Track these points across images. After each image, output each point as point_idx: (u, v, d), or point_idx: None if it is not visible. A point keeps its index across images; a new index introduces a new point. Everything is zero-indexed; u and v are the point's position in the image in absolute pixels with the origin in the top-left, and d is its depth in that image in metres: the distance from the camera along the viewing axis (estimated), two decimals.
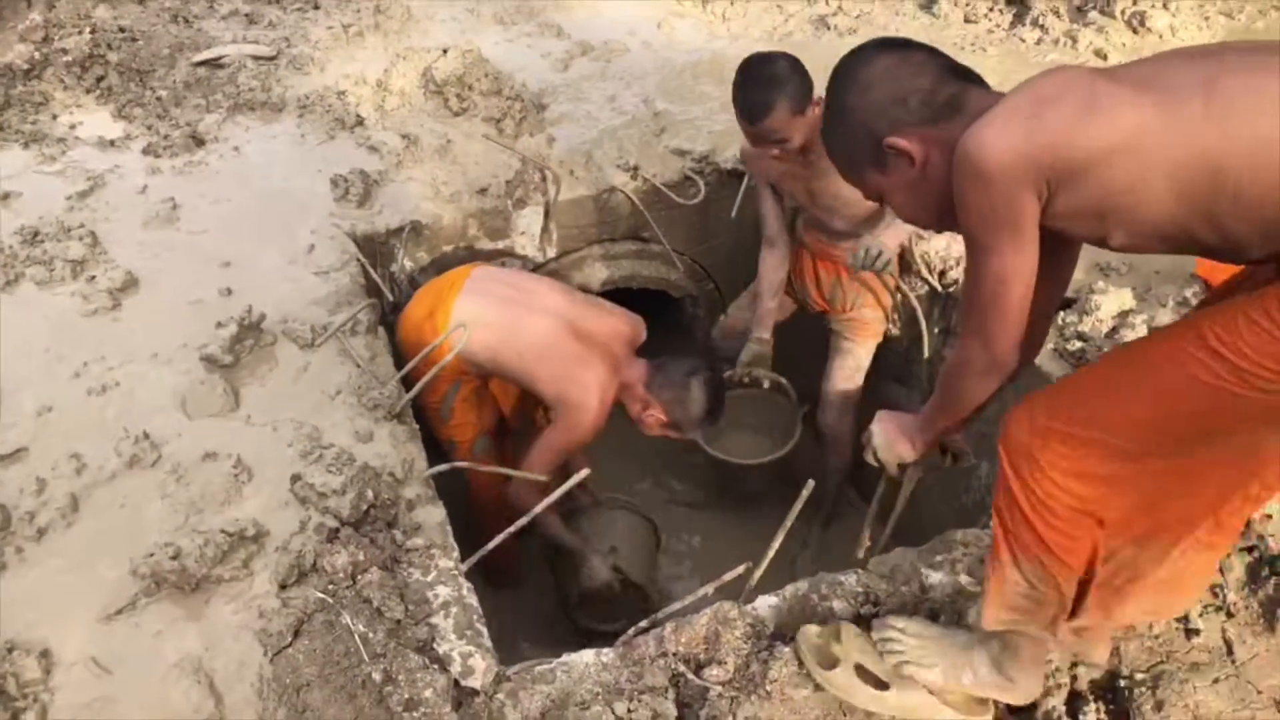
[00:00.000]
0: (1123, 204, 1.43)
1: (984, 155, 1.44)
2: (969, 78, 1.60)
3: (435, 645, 1.99)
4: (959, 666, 1.90)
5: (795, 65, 2.94)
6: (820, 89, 1.80)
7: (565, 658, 2.04)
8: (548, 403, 2.99)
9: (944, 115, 1.55)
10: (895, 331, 3.49)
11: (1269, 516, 2.24)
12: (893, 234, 3.18)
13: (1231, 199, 1.36)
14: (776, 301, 3.48)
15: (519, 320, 2.96)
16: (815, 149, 2.99)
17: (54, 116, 3.86)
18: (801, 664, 1.99)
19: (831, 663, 1.96)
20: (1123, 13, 4.67)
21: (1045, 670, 1.98)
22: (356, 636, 1.96)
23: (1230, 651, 2.13)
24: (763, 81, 2.90)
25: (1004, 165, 1.43)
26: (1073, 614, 1.77)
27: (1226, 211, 1.37)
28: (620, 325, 3.13)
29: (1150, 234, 1.47)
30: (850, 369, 3.47)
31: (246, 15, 4.77)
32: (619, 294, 3.90)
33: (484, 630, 2.07)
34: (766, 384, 3.54)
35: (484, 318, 2.92)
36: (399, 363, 2.80)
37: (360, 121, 3.89)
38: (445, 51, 4.13)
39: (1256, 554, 2.23)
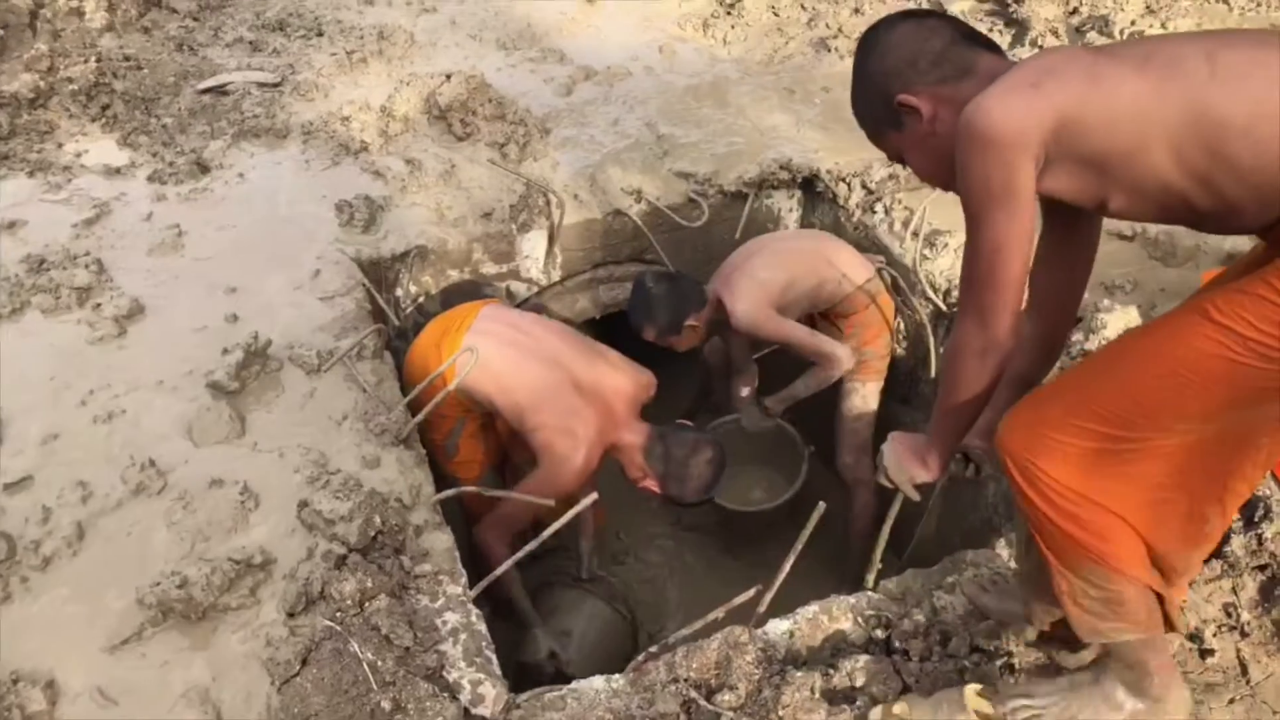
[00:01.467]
0: (1123, 166, 1.48)
1: (986, 122, 1.49)
2: (983, 44, 1.66)
3: (445, 673, 1.98)
4: (1102, 708, 1.82)
5: (669, 296, 3.22)
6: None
7: (575, 684, 2.03)
8: (534, 451, 2.94)
9: (953, 76, 1.62)
10: (900, 351, 3.49)
11: None
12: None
13: (1229, 163, 1.40)
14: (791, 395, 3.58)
15: (520, 365, 2.93)
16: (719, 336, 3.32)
17: (59, 145, 3.87)
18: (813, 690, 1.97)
19: None
20: (1121, 33, 4.69)
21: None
22: (365, 664, 1.95)
23: (1245, 672, 2.11)
24: (636, 305, 3.28)
25: (1004, 132, 1.48)
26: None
27: (1223, 176, 1.41)
28: (624, 382, 3.07)
29: (1148, 196, 1.50)
30: (856, 409, 3.46)
31: (251, 43, 4.80)
32: (624, 315, 3.91)
33: (493, 657, 2.05)
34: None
35: (487, 358, 2.88)
36: (406, 392, 2.79)
37: (364, 147, 3.91)
38: (449, 77, 4.15)
39: (1269, 573, 2.22)
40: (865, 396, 3.44)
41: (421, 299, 3.54)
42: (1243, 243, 1.79)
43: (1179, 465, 1.61)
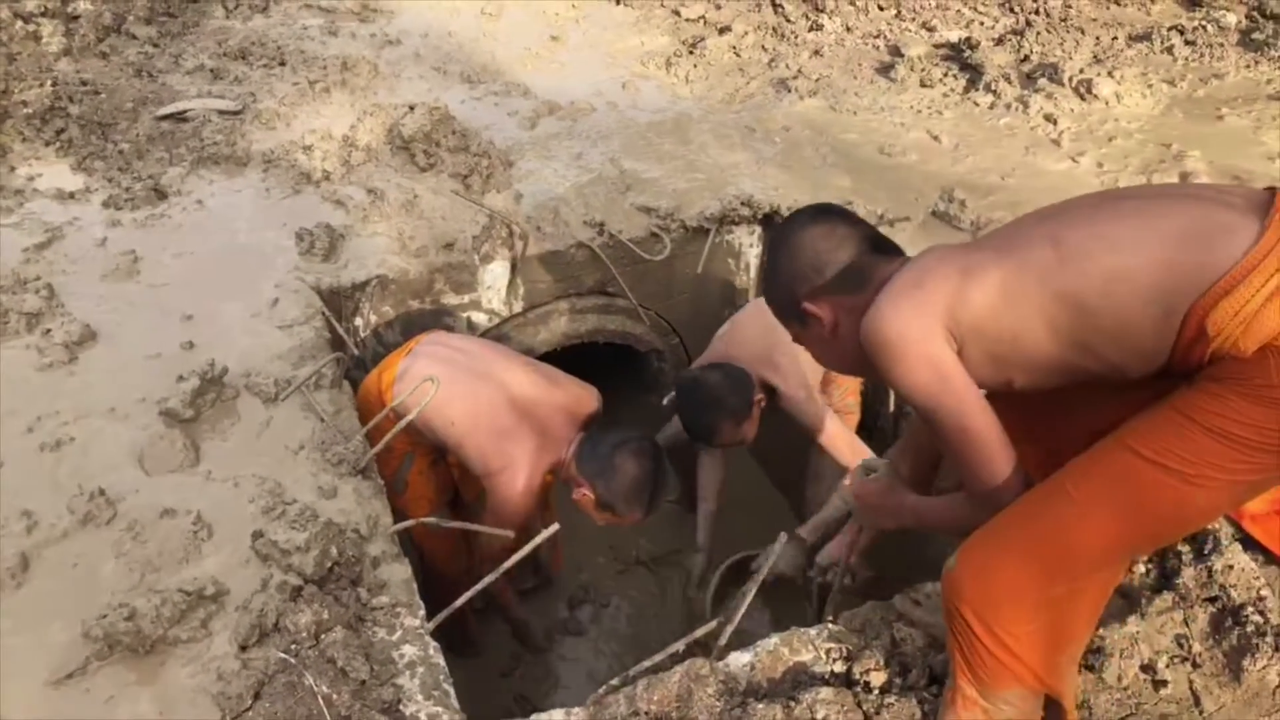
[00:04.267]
0: (1011, 351, 1.59)
1: (890, 331, 1.59)
2: (883, 249, 1.78)
3: (401, 706, 1.94)
4: None
5: (728, 382, 3.01)
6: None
7: (535, 718, 2.00)
8: (476, 474, 2.90)
9: (852, 286, 1.74)
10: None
11: (1230, 568, 2.27)
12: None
13: (1097, 330, 1.51)
14: (718, 504, 3.48)
15: (454, 386, 2.83)
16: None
17: (11, 169, 3.80)
18: None
19: None
20: (1070, 80, 4.85)
21: None
22: (320, 698, 1.90)
23: (1198, 702, 2.13)
24: (701, 403, 3.01)
25: (909, 333, 1.58)
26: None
27: (1098, 341, 1.53)
28: (564, 398, 2.96)
29: (1043, 371, 1.61)
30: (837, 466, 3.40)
31: (212, 70, 4.77)
32: (585, 348, 3.92)
33: (451, 690, 2.02)
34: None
35: (420, 380, 2.80)
36: (363, 422, 2.76)
37: (326, 176, 3.89)
38: (412, 108, 4.16)
39: (1219, 604, 2.26)
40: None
41: (382, 328, 3.52)
42: None
43: (1113, 577, 1.77)
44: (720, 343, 3.34)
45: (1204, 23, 5.48)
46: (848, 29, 5.68)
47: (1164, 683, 2.14)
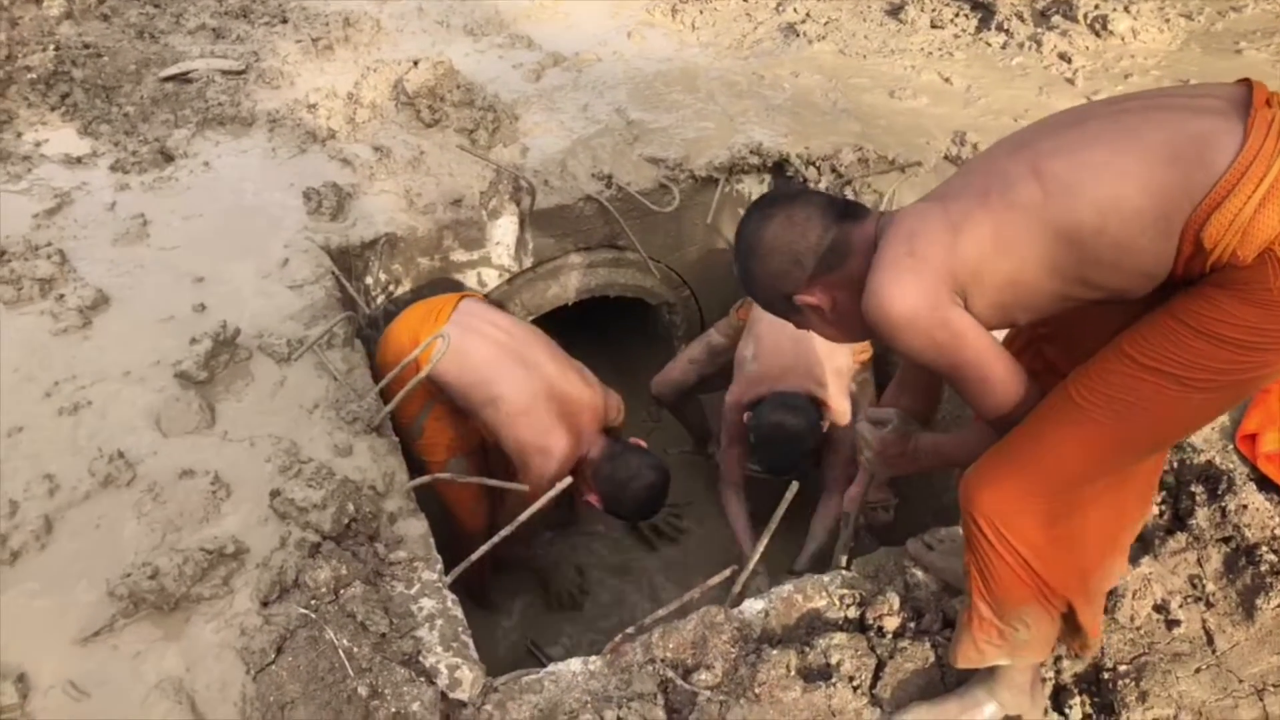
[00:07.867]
0: (1013, 295, 1.58)
1: (897, 309, 1.57)
2: (848, 213, 1.74)
3: (421, 658, 1.98)
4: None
5: (804, 423, 3.08)
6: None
7: (553, 667, 2.03)
8: (507, 454, 2.97)
9: (836, 262, 1.71)
10: None
11: (1244, 508, 2.27)
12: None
13: (1096, 261, 1.50)
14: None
15: (502, 370, 2.92)
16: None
17: (18, 134, 3.80)
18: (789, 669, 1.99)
19: None
20: (1085, 16, 4.74)
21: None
22: (341, 652, 1.94)
23: (1211, 641, 2.15)
24: (789, 453, 3.11)
25: (915, 307, 1.57)
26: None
27: (1098, 272, 1.52)
28: (595, 399, 3.08)
29: (1045, 306, 1.61)
30: (868, 398, 3.45)
31: (214, 30, 4.73)
32: (596, 302, 3.91)
33: (470, 641, 2.06)
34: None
35: (468, 355, 2.89)
36: (377, 379, 2.78)
37: (332, 134, 3.86)
38: (416, 63, 4.11)
39: (1233, 544, 2.27)
40: (869, 386, 3.50)
41: (392, 287, 3.52)
42: None
43: (1123, 490, 1.77)
44: (754, 364, 3.30)
45: None
46: None
47: (1177, 622, 2.16)
